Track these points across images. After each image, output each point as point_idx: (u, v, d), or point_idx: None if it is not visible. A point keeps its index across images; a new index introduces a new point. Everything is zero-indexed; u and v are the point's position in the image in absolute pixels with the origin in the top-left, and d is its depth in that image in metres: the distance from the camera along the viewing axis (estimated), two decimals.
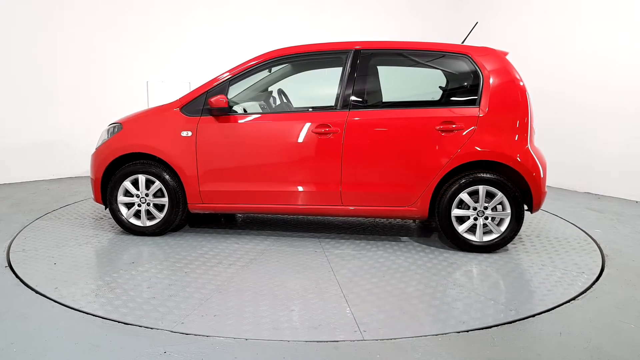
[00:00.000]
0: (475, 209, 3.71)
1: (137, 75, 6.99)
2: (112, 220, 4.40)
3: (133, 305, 2.78)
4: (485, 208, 3.70)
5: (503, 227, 3.70)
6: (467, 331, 2.54)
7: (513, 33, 7.28)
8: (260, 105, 4.34)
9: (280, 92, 4.45)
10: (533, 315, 2.72)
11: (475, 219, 3.72)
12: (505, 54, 3.88)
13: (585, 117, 6.28)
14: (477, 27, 7.74)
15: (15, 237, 4.02)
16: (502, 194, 3.64)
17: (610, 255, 3.80)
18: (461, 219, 3.75)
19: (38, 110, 6.39)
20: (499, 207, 3.72)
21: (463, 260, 3.62)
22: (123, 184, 3.96)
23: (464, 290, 3.07)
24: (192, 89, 4.07)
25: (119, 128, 4.04)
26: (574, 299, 2.96)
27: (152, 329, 2.51)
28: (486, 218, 3.72)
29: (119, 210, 4.01)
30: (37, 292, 2.94)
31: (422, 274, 3.34)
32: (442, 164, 3.66)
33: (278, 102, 4.47)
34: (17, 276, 3.18)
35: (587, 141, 6.28)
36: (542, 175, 3.67)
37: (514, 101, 3.71)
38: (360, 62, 3.83)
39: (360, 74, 3.82)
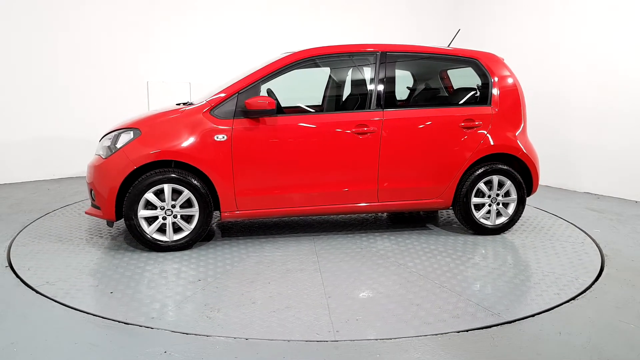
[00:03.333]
0: (489, 196, 4.15)
1: (137, 75, 6.99)
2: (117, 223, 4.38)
3: (264, 324, 2.58)
4: (497, 195, 4.17)
5: (510, 211, 4.19)
6: (467, 331, 2.54)
7: (512, 34, 7.28)
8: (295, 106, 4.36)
9: (270, 92, 4.43)
10: (533, 315, 2.72)
11: (489, 205, 4.17)
12: (502, 59, 4.34)
13: (585, 117, 6.27)
14: (476, 27, 7.78)
15: (15, 237, 4.01)
16: (510, 182, 4.12)
17: (610, 255, 3.80)
18: (476, 206, 4.16)
19: (38, 110, 6.39)
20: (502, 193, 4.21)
21: (488, 243, 4.09)
22: (145, 195, 3.54)
23: (536, 269, 3.47)
24: (219, 90, 3.79)
25: (135, 134, 3.62)
26: (573, 298, 2.96)
27: (152, 328, 2.51)
28: (498, 204, 4.18)
29: (140, 226, 3.59)
30: (37, 292, 2.94)
31: (475, 259, 3.70)
32: (466, 157, 4.05)
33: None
34: (81, 310, 2.73)
35: (587, 141, 6.27)
36: (538, 163, 4.27)
37: (516, 100, 4.22)
38: (388, 64, 4.02)
39: (389, 74, 4.02)
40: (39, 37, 6.27)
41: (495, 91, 4.16)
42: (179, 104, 4.17)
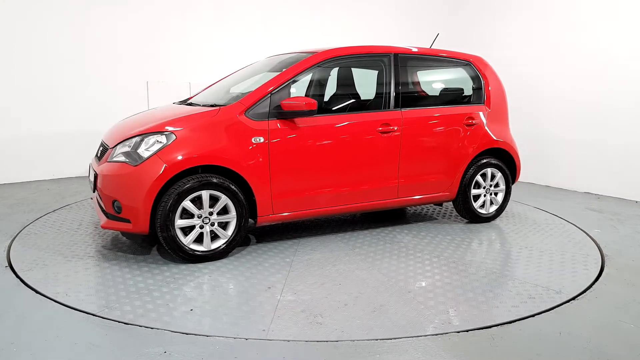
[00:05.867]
0: (484, 187, 4.58)
1: (137, 75, 6.99)
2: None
3: (377, 323, 2.59)
4: (490, 186, 4.61)
5: (500, 199, 4.68)
6: (467, 331, 2.54)
7: (511, 34, 7.28)
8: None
9: None
10: (533, 315, 2.72)
11: (484, 195, 4.60)
12: (488, 61, 4.80)
13: (585, 117, 6.28)
14: (475, 29, 7.77)
15: (15, 237, 4.01)
16: (501, 174, 4.60)
17: (610, 255, 3.80)
18: (473, 197, 4.54)
19: (38, 110, 6.38)
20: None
21: (491, 232, 4.47)
22: (182, 204, 3.32)
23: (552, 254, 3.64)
24: (251, 91, 3.69)
25: (169, 138, 3.35)
26: (573, 298, 2.96)
27: (152, 328, 2.51)
28: (491, 194, 4.64)
29: (177, 237, 3.35)
30: (37, 292, 2.94)
31: (493, 246, 4.07)
32: (469, 152, 4.42)
33: None
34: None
35: (587, 141, 6.27)
36: (519, 155, 4.76)
37: (502, 99, 4.70)
38: (400, 65, 4.22)
39: (402, 75, 4.24)
40: (39, 37, 6.27)
41: (487, 91, 4.60)
42: (176, 103, 4.17)
